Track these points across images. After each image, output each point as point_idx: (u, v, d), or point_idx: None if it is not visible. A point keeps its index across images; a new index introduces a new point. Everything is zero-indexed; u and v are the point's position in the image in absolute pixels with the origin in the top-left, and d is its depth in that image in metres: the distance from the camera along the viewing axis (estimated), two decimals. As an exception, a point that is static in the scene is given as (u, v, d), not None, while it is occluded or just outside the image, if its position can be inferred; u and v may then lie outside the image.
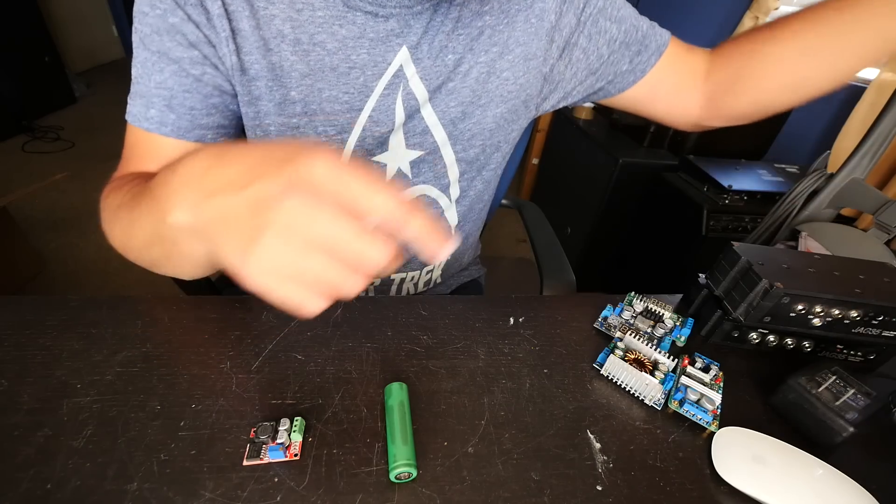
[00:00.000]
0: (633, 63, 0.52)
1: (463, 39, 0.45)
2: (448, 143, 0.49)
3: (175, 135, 0.41)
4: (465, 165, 0.52)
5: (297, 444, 0.29)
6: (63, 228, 1.78)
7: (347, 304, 0.42)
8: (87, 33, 3.58)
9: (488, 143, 0.52)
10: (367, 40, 0.42)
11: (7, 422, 0.29)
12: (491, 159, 0.54)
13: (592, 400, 0.36)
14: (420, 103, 0.46)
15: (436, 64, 0.45)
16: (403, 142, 0.48)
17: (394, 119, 0.46)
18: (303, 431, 0.30)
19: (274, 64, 0.41)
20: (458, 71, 0.46)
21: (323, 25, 0.41)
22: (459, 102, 0.48)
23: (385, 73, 0.44)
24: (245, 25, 0.39)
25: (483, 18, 0.46)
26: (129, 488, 0.26)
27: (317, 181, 0.22)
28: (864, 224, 1.11)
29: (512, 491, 0.29)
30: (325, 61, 0.42)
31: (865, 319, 0.39)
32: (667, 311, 0.44)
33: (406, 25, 0.42)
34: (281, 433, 0.29)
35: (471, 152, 0.51)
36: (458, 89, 0.47)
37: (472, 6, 0.45)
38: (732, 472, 0.31)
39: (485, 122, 0.50)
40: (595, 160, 1.51)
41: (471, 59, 0.46)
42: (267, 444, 0.29)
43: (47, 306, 0.38)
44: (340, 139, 0.46)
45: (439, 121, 0.48)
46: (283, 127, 0.44)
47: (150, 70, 0.40)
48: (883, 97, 1.20)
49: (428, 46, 0.44)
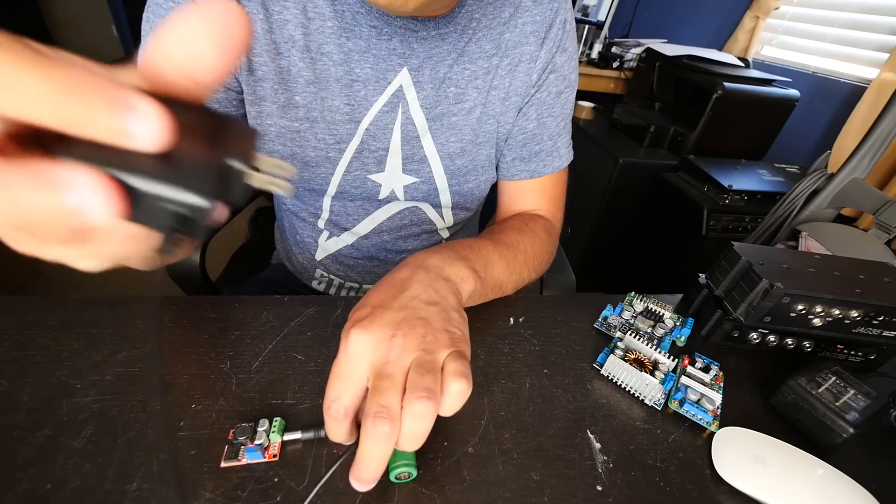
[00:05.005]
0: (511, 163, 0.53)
1: (468, 75, 0.46)
2: (444, 176, 0.51)
3: None
4: (458, 198, 0.54)
5: (276, 444, 0.29)
6: (63, 228, 1.78)
7: (347, 304, 0.42)
8: (87, 33, 3.58)
9: (481, 178, 0.53)
10: (371, 55, 0.43)
11: (7, 422, 0.29)
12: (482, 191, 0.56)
13: (592, 400, 0.36)
14: (420, 132, 0.47)
15: (437, 93, 0.46)
16: (401, 166, 0.49)
17: (390, 138, 0.47)
18: (282, 432, 0.30)
19: (282, 68, 0.42)
20: (461, 107, 0.47)
21: (331, 36, 0.42)
22: (459, 139, 0.49)
23: (385, 91, 0.44)
24: (258, 28, 0.40)
25: (491, 60, 0.46)
26: (129, 488, 0.26)
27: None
28: (865, 224, 1.11)
29: (512, 491, 0.29)
30: (330, 71, 0.43)
31: (866, 319, 0.39)
32: (667, 311, 0.44)
33: (409, 47, 0.43)
34: (259, 434, 0.29)
35: (465, 186, 0.53)
36: (460, 126, 0.48)
37: (481, 44, 0.45)
38: (732, 472, 0.31)
39: (479, 159, 0.51)
40: (595, 160, 1.51)
41: (475, 97, 0.47)
42: (245, 445, 0.28)
43: (47, 306, 0.37)
44: (338, 149, 0.47)
45: (437, 153, 0.49)
46: (284, 129, 0.45)
47: None
48: (883, 97, 1.20)
49: (430, 73, 0.45)
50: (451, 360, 0.27)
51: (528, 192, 0.54)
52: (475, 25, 0.45)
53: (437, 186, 0.51)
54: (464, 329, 0.31)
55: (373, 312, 0.29)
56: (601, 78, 1.94)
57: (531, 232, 0.48)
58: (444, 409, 0.26)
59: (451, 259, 0.36)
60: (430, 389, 0.25)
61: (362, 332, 0.27)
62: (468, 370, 0.27)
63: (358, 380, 0.27)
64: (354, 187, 0.50)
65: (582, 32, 2.03)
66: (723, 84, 1.32)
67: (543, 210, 0.54)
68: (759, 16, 1.62)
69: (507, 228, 0.47)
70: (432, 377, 0.26)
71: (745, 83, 1.38)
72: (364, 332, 0.27)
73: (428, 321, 0.29)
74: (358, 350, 0.27)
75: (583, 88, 1.95)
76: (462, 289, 0.35)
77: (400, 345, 0.27)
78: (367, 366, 0.27)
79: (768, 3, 1.58)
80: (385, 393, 0.25)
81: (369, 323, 0.28)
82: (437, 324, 0.29)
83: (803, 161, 1.47)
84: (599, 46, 1.99)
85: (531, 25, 0.46)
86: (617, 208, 1.50)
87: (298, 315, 0.40)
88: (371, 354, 0.27)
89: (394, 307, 0.29)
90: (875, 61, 1.33)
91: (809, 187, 0.96)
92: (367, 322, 0.28)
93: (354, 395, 0.27)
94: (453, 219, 0.57)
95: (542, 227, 0.51)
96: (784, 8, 1.59)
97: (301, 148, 0.46)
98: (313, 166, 0.47)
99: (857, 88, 1.36)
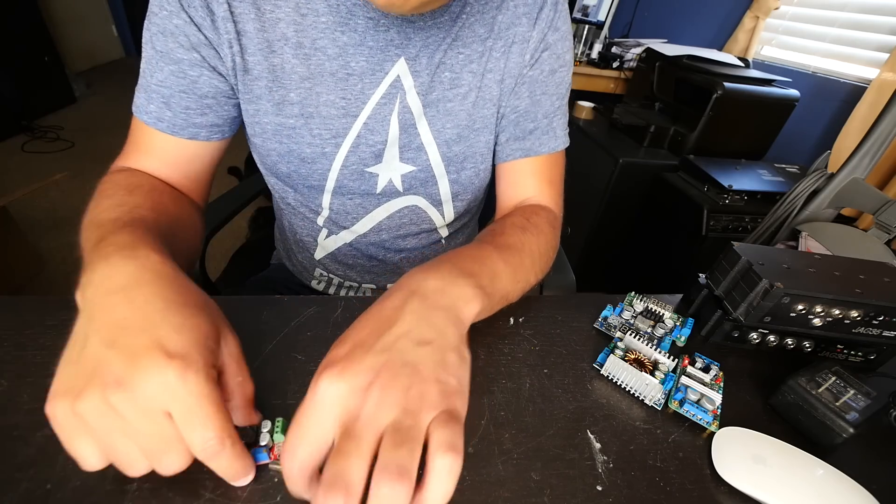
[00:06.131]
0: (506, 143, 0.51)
1: (462, 59, 0.46)
2: (441, 163, 0.50)
3: (170, 131, 0.43)
4: (457, 187, 0.53)
5: (280, 444, 0.29)
6: (63, 228, 1.78)
7: (347, 304, 0.42)
8: (86, 33, 3.58)
9: (479, 167, 0.53)
10: (366, 48, 0.43)
11: (7, 422, 0.29)
12: (481, 181, 0.55)
13: (592, 400, 0.36)
14: (415, 117, 0.47)
15: (432, 79, 0.46)
16: (398, 155, 0.49)
17: (388, 129, 0.47)
18: (284, 430, 0.29)
19: (275, 66, 0.42)
20: (456, 92, 0.47)
21: (325, 31, 0.42)
22: (455, 125, 0.48)
23: (382, 83, 0.44)
24: (250, 27, 0.41)
25: (485, 43, 0.46)
26: (129, 488, 0.26)
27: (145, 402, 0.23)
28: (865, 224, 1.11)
29: (512, 491, 0.29)
30: (324, 66, 0.43)
31: (866, 319, 0.39)
32: (667, 311, 0.44)
33: (406, 37, 0.43)
34: (263, 435, 0.29)
35: (463, 174, 0.52)
36: (456, 111, 0.48)
37: (475, 28, 0.46)
38: (732, 472, 0.31)
39: (476, 146, 0.51)
40: (595, 160, 1.51)
41: (470, 81, 0.47)
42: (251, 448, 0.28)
43: (47, 306, 0.37)
44: (335, 143, 0.47)
45: (434, 140, 0.49)
46: (280, 127, 0.45)
47: (153, 68, 0.42)
48: (883, 97, 1.20)
49: (427, 60, 0.45)
50: (438, 426, 0.22)
51: (525, 175, 0.52)
52: (468, 10, 0.45)
53: (434, 174, 0.51)
54: (461, 376, 0.26)
55: (350, 353, 0.25)
56: (601, 78, 1.94)
57: (535, 228, 0.45)
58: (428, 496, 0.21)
59: (453, 277, 0.31)
60: (403, 469, 0.21)
61: (334, 378, 0.23)
62: (459, 438, 0.22)
63: (321, 434, 0.23)
64: (352, 181, 0.50)
65: (582, 32, 2.03)
66: (723, 84, 1.32)
67: (544, 196, 0.52)
68: (759, 16, 1.62)
69: (510, 227, 0.43)
70: (408, 450, 0.21)
71: (745, 83, 1.38)
72: (336, 378, 0.23)
73: (416, 368, 0.24)
74: (326, 398, 0.23)
75: (583, 88, 1.95)
76: (465, 315, 0.30)
77: (376, 399, 0.23)
78: (334, 419, 0.23)
79: (768, 3, 1.58)
80: (347, 459, 0.21)
81: (344, 367, 0.24)
82: (427, 371, 0.24)
83: (803, 161, 1.47)
84: (599, 46, 1.99)
85: (523, 7, 0.46)
86: (617, 208, 1.50)
87: (298, 315, 0.40)
88: (341, 405, 0.23)
89: (376, 348, 0.25)
90: (875, 61, 1.33)
91: (809, 187, 0.96)
92: (342, 365, 0.24)
93: (314, 452, 0.23)
94: (453, 214, 0.57)
95: (546, 220, 0.48)
96: (784, 8, 1.59)
97: (297, 144, 0.46)
98: (310, 162, 0.48)
99: (857, 88, 1.36)
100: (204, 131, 0.45)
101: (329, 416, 0.23)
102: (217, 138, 0.46)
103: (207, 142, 0.46)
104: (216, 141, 0.47)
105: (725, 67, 1.47)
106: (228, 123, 0.47)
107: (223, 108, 0.45)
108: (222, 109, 0.45)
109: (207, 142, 0.46)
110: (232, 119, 0.47)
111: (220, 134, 0.46)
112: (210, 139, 0.46)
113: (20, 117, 2.47)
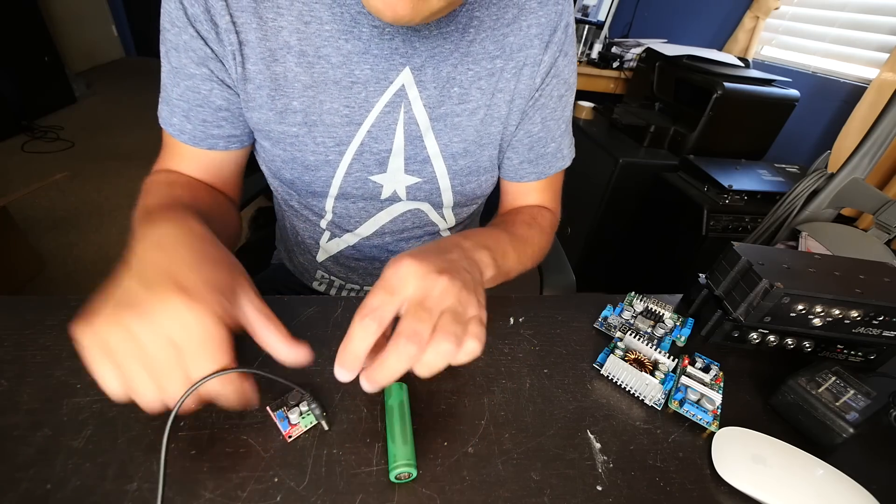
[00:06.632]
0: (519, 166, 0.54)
1: (471, 76, 0.46)
2: (447, 176, 0.51)
3: (191, 143, 0.45)
4: (460, 197, 0.54)
5: (299, 428, 0.30)
6: (63, 228, 1.78)
7: (347, 304, 0.42)
8: (86, 33, 3.58)
9: (483, 179, 0.54)
10: (370, 56, 0.43)
11: (7, 422, 0.29)
12: (484, 191, 0.56)
13: (592, 400, 0.36)
14: (422, 130, 0.47)
15: (441, 93, 0.46)
16: (403, 167, 0.49)
17: (393, 139, 0.47)
18: (308, 424, 0.31)
19: (278, 74, 0.42)
20: (464, 107, 0.47)
21: (329, 39, 0.42)
22: (462, 139, 0.49)
23: (387, 91, 0.44)
24: (252, 37, 0.41)
25: (494, 62, 0.46)
26: (129, 488, 0.26)
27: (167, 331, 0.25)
28: (865, 224, 1.11)
29: (512, 491, 0.29)
30: (328, 74, 0.43)
31: (866, 319, 0.39)
32: (667, 311, 0.44)
33: (411, 46, 0.43)
34: (294, 410, 0.31)
35: (467, 187, 0.53)
36: (464, 126, 0.48)
37: (485, 45, 0.45)
38: (732, 472, 0.31)
39: (481, 161, 0.51)
40: (595, 160, 1.51)
41: (479, 98, 0.47)
42: (285, 409, 0.31)
43: (47, 306, 0.37)
44: (338, 151, 0.47)
45: (440, 153, 0.49)
46: (283, 135, 0.45)
47: (172, 82, 0.43)
48: (883, 97, 1.20)
49: (433, 71, 0.45)
50: (474, 323, 0.30)
51: (533, 191, 0.56)
52: (477, 24, 0.44)
53: (439, 186, 0.51)
54: (484, 303, 0.33)
55: (419, 252, 0.31)
56: (601, 78, 1.94)
57: (539, 227, 0.51)
58: (457, 359, 0.29)
59: (478, 246, 0.38)
60: (458, 336, 0.28)
61: (414, 261, 0.30)
62: (484, 336, 0.30)
63: (400, 299, 0.29)
64: (355, 188, 0.50)
65: (582, 32, 2.03)
66: (723, 84, 1.32)
67: (547, 202, 0.57)
68: (759, 16, 1.62)
69: (520, 222, 0.50)
70: (462, 328, 0.29)
71: (745, 83, 1.38)
72: (416, 262, 0.30)
73: (465, 282, 0.31)
74: (409, 272, 0.29)
75: (583, 88, 1.95)
76: (485, 274, 0.37)
77: (444, 286, 0.29)
78: (409, 292, 0.29)
79: (768, 3, 1.58)
80: (422, 322, 0.28)
81: (421, 258, 0.30)
82: (471, 287, 0.32)
83: (803, 161, 1.47)
84: (599, 46, 1.99)
85: (536, 28, 0.46)
86: (617, 208, 1.50)
87: (298, 315, 0.40)
88: (417, 282, 0.29)
89: (441, 258, 0.32)
90: (875, 61, 1.33)
91: (809, 187, 0.96)
92: (418, 256, 0.30)
93: (392, 312, 0.29)
94: (455, 219, 0.57)
95: (548, 221, 0.55)
96: (784, 8, 1.59)
97: (301, 152, 0.46)
98: (313, 170, 0.47)
99: (857, 88, 1.36)
100: (222, 142, 0.46)
101: (408, 287, 0.29)
102: (236, 147, 0.47)
103: (227, 151, 0.47)
104: (236, 150, 0.47)
105: (725, 67, 1.47)
106: (246, 133, 0.47)
107: (238, 119, 0.45)
108: (237, 120, 0.45)
109: (227, 151, 0.47)
110: (249, 129, 0.47)
111: (238, 143, 0.47)
112: (229, 148, 0.47)
113: (20, 117, 2.47)
